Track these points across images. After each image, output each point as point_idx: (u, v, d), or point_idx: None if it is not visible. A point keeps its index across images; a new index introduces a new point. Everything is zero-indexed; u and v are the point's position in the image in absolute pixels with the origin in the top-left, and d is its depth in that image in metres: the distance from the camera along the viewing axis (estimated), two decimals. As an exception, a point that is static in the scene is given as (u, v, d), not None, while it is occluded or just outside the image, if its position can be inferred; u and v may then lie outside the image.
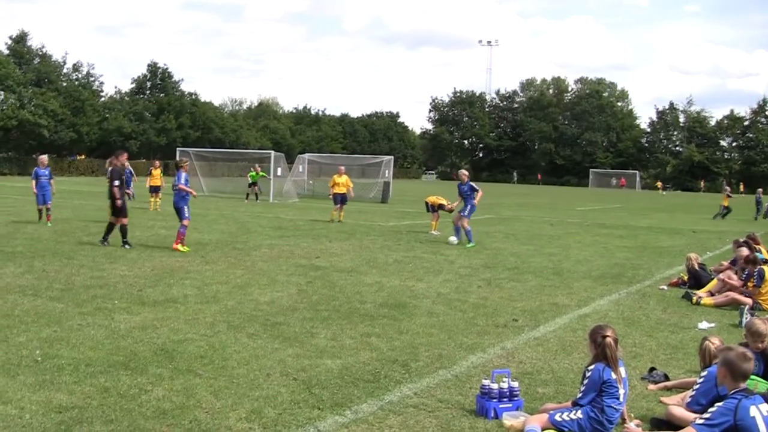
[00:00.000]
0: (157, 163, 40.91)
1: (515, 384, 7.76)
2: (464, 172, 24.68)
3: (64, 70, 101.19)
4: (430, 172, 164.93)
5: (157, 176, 37.80)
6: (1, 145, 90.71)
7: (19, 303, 12.02)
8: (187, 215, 19.83)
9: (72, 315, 11.26)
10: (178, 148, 58.26)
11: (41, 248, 18.99)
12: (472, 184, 23.89)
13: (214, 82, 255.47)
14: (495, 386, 7.62)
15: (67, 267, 16.06)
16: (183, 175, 20.14)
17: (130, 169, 44.92)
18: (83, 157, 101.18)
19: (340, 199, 31.81)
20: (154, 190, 36.68)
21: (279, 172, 53.37)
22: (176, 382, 8.14)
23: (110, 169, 20.68)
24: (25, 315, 11.15)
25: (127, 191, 41.84)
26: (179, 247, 19.37)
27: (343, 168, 33.56)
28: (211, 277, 15.46)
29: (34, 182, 25.71)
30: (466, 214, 23.58)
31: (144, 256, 18.34)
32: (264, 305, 12.58)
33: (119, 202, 20.23)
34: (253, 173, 47.87)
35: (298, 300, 13.20)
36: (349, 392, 8.08)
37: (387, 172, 58.05)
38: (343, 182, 32.28)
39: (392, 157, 62.34)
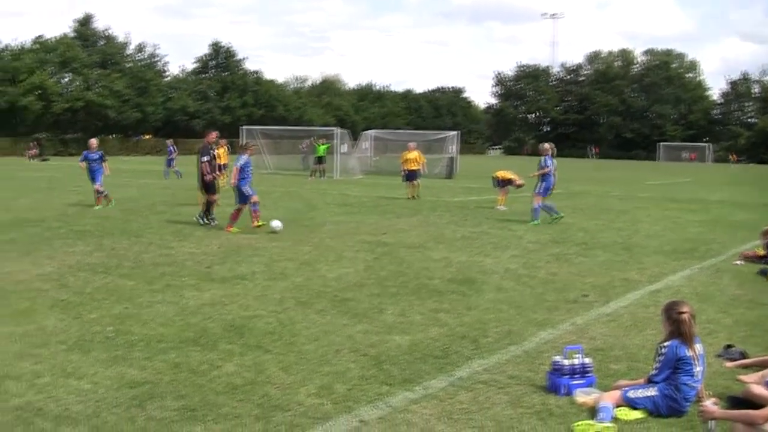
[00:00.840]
0: (222, 141, 41.19)
1: (587, 360, 7.67)
2: (545, 146, 23.15)
3: (129, 52, 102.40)
4: (496, 147, 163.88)
5: (222, 154, 38.06)
6: (68, 126, 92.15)
7: (90, 281, 12.24)
8: (251, 192, 19.83)
9: (142, 292, 11.44)
10: (242, 126, 58.62)
11: (110, 227, 19.31)
12: (546, 158, 22.97)
13: (278, 60, 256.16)
14: (567, 362, 7.53)
15: (136, 245, 16.31)
16: (243, 157, 20.12)
17: (173, 147, 45.45)
18: (149, 136, 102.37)
19: (411, 176, 31.63)
20: (220, 168, 36.87)
21: (344, 148, 53.49)
22: (246, 358, 8.22)
23: (200, 146, 21.05)
24: (96, 292, 11.36)
25: (174, 169, 42.72)
26: (256, 223, 19.36)
27: (413, 144, 33.27)
28: (279, 253, 15.57)
29: (83, 164, 25.74)
30: (540, 191, 23.08)
31: (211, 233, 18.55)
32: (332, 281, 12.64)
33: (208, 177, 20.60)
34: (321, 146, 47.99)
35: (366, 276, 13.24)
36: (419, 368, 8.08)
37: (452, 147, 57.86)
38: (413, 158, 31.86)
39: (457, 132, 62.01)
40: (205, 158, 20.58)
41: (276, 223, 19.43)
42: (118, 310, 10.22)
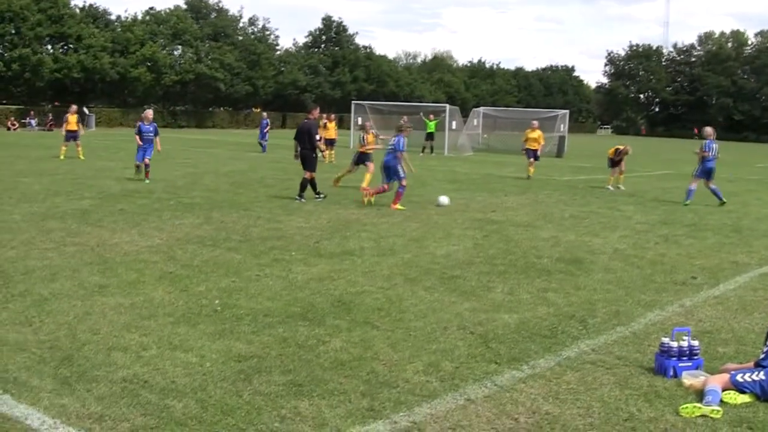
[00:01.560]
0: (333, 116, 41.71)
1: (695, 343, 7.56)
2: (708, 130, 22.75)
3: (240, 24, 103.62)
4: (606, 126, 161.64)
5: (332, 129, 38.48)
6: (179, 98, 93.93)
7: (198, 253, 12.47)
8: (402, 174, 19.86)
9: (250, 266, 11.62)
10: (353, 101, 58.83)
11: (219, 199, 19.66)
12: (708, 141, 22.28)
13: (389, 36, 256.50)
14: (675, 344, 7.43)
15: (244, 218, 16.57)
16: (403, 140, 20.20)
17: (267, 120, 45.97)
18: (259, 109, 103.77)
19: (533, 154, 31.28)
20: (329, 142, 37.20)
21: (454, 125, 53.24)
22: (354, 334, 8.30)
23: (305, 122, 21.21)
24: (204, 265, 11.57)
25: (262, 141, 43.31)
26: (398, 206, 19.43)
27: (536, 123, 32.82)
28: (387, 230, 15.67)
29: (138, 137, 24.61)
30: (697, 173, 22.64)
31: (320, 208, 18.72)
32: (440, 259, 12.67)
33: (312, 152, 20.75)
34: (431, 122, 48.07)
35: (474, 254, 13.23)
36: (526, 347, 8.06)
37: (562, 126, 57.19)
38: (536, 137, 31.45)
39: (567, 111, 61.34)
40: (317, 136, 20.85)
41: (444, 199, 20.17)
42: (226, 284, 10.40)
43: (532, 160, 30.62)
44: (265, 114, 48.87)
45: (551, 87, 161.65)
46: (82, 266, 11.17)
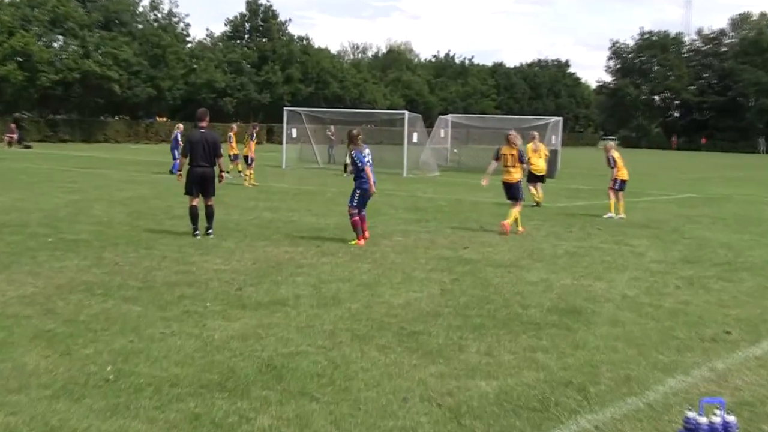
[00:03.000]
0: (257, 126, 41.70)
1: (731, 419, 7.55)
2: None
3: (140, 9, 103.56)
4: (610, 137, 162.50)
5: (253, 144, 38.53)
6: (60, 104, 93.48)
7: (85, 305, 12.36)
8: (350, 201, 20.11)
9: (153, 321, 11.54)
10: (285, 107, 58.97)
11: (113, 235, 19.57)
12: None
13: (331, 23, 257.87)
14: (704, 420, 7.43)
15: (146, 259, 16.50)
16: (360, 155, 20.22)
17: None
18: (164, 118, 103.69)
19: (535, 177, 30.69)
20: (246, 159, 37.33)
21: (415, 137, 53.51)
22: (286, 409, 8.24)
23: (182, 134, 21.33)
24: (93, 320, 11.46)
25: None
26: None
27: (536, 134, 32.70)
28: (330, 272, 15.68)
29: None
30: None
31: (243, 246, 18.70)
32: (398, 309, 12.67)
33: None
34: None
35: (442, 303, 13.25)
36: (510, 423, 8.04)
37: (554, 137, 57.56)
38: (539, 157, 31.17)
39: (560, 118, 61.60)
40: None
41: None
42: (121, 344, 10.30)
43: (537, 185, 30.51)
44: (181, 126, 48.48)
45: (539, 87, 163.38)
46: (-69, 324, 11.00)
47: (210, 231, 20.28)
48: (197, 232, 20.10)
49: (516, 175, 23.21)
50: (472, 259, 17.75)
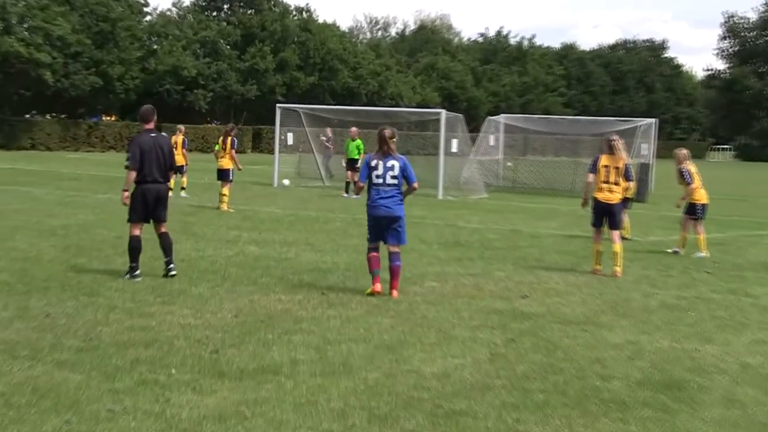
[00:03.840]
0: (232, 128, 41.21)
1: None
2: None
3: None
4: (723, 146, 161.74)
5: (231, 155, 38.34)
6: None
7: (4, 371, 12.35)
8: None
9: (98, 393, 11.51)
10: (278, 105, 58.83)
11: (42, 276, 19.50)
12: None
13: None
14: None
15: (88, 309, 16.49)
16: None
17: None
18: (113, 118, 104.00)
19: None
20: (223, 177, 37.00)
21: (454, 146, 53.55)
22: None
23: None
24: (15, 393, 11.43)
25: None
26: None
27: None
28: (339, 329, 15.67)
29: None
30: None
31: (221, 292, 18.72)
32: (431, 380, 12.65)
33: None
34: (353, 143, 48.47)
35: (492, 372, 13.23)
36: None
37: (645, 146, 57.37)
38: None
39: (653, 120, 61.17)
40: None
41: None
42: (55, 426, 10.29)
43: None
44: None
45: (625, 78, 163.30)
46: None
47: (171, 266, 20.37)
48: (138, 272, 20.10)
49: (618, 194, 23.23)
50: (534, 312, 17.74)
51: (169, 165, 20.79)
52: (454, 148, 53.33)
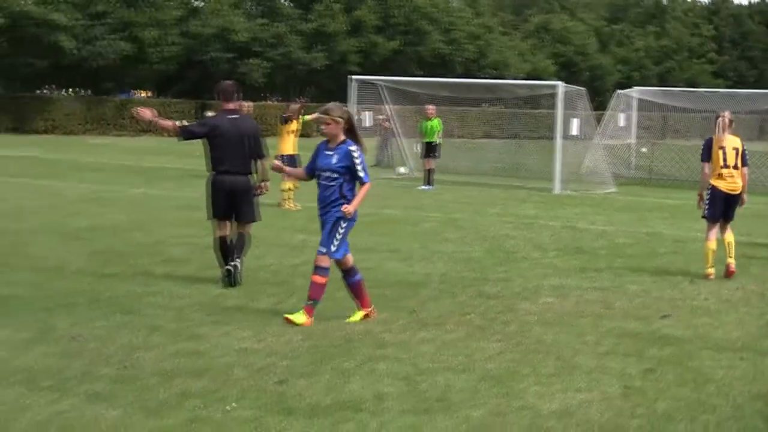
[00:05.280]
0: (294, 105, 40.75)
1: None
2: None
3: None
4: None
5: (292, 132, 38.06)
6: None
7: (25, 406, 12.50)
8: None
9: (139, 433, 11.69)
10: (352, 76, 58.85)
11: (66, 290, 19.70)
12: None
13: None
14: None
15: (124, 330, 16.69)
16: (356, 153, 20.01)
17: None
18: (147, 94, 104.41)
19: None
20: (290, 162, 36.86)
21: (574, 127, 53.42)
22: None
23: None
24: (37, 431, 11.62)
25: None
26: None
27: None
28: (433, 355, 15.74)
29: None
30: None
31: (285, 309, 18.83)
32: (550, 420, 12.68)
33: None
34: (428, 123, 48.52)
35: (626, 410, 13.23)
36: None
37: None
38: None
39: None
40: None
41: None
42: (89, 473, 10.47)
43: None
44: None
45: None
46: None
47: (237, 267, 20.83)
48: (233, 272, 20.74)
49: (740, 181, 23.25)
50: (677, 336, 17.70)
51: (255, 153, 21.18)
52: (575, 131, 53.23)
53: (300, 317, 17.49)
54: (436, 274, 22.57)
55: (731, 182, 22.94)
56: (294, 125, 37.74)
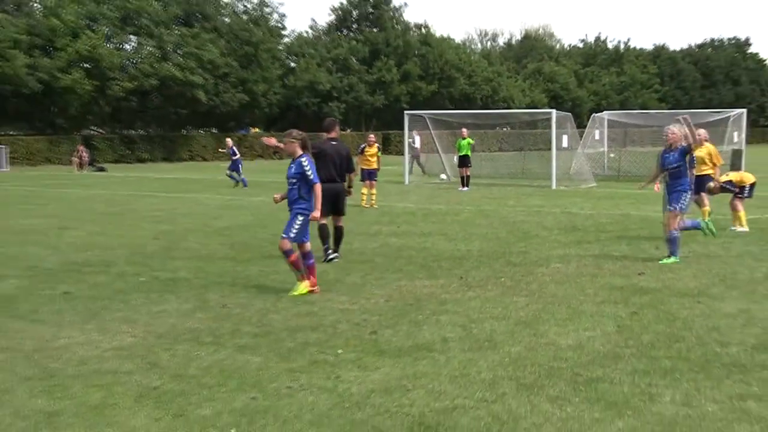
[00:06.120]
0: (372, 137, 41.45)
1: None
2: None
3: (225, 0, 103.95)
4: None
5: (371, 156, 38.36)
6: (135, 116, 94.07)
7: (194, 356, 12.54)
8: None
9: (276, 373, 11.63)
10: (406, 112, 58.72)
11: (214, 272, 19.76)
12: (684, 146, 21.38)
13: (452, 8, 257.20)
14: None
15: (258, 300, 16.68)
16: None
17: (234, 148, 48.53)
18: (258, 130, 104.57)
19: (701, 184, 27.47)
20: (369, 175, 37.05)
21: (564, 141, 53.33)
22: (452, 476, 8.22)
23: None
24: (205, 375, 11.60)
25: (234, 174, 43.95)
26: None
27: (704, 132, 29.58)
28: (480, 308, 15.69)
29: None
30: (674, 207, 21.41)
31: (372, 279, 18.87)
32: (568, 351, 12.62)
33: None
34: (463, 141, 48.83)
35: (621, 342, 13.15)
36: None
37: (736, 134, 56.62)
38: (703, 156, 29.11)
39: (743, 110, 60.13)
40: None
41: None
42: (243, 403, 10.41)
43: (698, 195, 28.42)
44: (230, 141, 51.75)
45: (713, 74, 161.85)
46: (16, 384, 11.26)
47: (336, 255, 21.48)
48: (330, 251, 21.40)
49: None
50: (651, 287, 17.62)
51: (346, 168, 22.00)
52: (565, 144, 53.20)
53: (300, 288, 17.25)
54: (475, 250, 22.47)
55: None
56: (371, 150, 38.16)
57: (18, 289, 17.91)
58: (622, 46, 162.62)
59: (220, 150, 55.89)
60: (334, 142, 22.06)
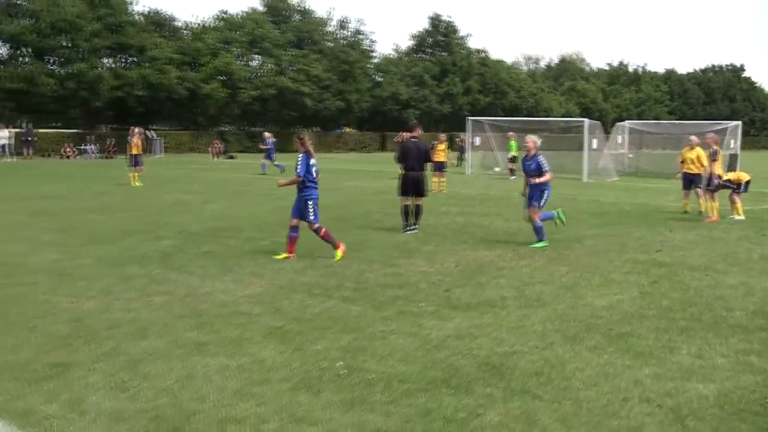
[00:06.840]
0: (442, 136, 41.56)
1: None
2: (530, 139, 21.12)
3: (329, 28, 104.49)
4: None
5: (441, 151, 38.34)
6: (258, 117, 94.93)
7: (307, 304, 12.58)
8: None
9: (372, 320, 11.63)
10: (468, 117, 58.83)
11: (319, 239, 19.64)
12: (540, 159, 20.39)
13: (504, 36, 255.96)
14: None
15: (355, 262, 16.66)
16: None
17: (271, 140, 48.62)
18: (352, 129, 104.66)
19: (690, 182, 28.40)
20: (439, 167, 37.13)
21: (594, 144, 52.98)
22: (512, 406, 8.15)
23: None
24: (316, 319, 11.67)
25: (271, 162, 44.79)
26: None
27: (695, 138, 29.95)
28: (530, 275, 15.59)
29: None
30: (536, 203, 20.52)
31: (444, 249, 18.77)
32: (602, 311, 12.48)
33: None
34: (512, 142, 49.19)
35: (644, 305, 12.99)
36: (734, 427, 7.78)
37: (733, 142, 55.91)
38: (694, 158, 28.36)
39: (739, 122, 59.48)
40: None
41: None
42: (347, 342, 10.42)
43: (688, 191, 28.57)
44: (268, 134, 51.93)
45: (713, 93, 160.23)
46: (173, 320, 11.43)
47: (415, 228, 21.70)
48: (408, 227, 21.60)
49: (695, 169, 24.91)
50: (666, 262, 17.38)
51: (425, 160, 22.25)
52: (594, 146, 52.84)
53: (337, 254, 17.17)
54: (524, 228, 22.19)
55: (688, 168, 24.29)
56: (441, 147, 38.11)
57: (172, 248, 18.20)
58: (640, 69, 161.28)
59: (261, 147, 54.98)
60: (415, 140, 22.15)
